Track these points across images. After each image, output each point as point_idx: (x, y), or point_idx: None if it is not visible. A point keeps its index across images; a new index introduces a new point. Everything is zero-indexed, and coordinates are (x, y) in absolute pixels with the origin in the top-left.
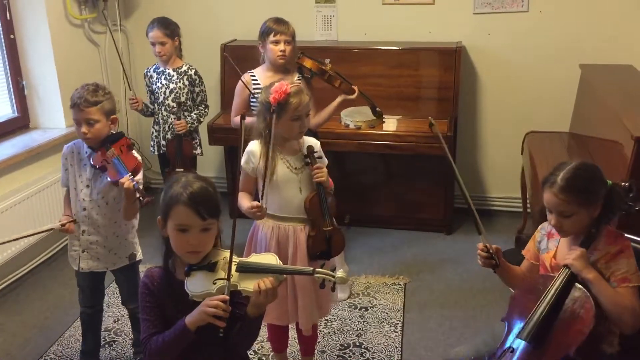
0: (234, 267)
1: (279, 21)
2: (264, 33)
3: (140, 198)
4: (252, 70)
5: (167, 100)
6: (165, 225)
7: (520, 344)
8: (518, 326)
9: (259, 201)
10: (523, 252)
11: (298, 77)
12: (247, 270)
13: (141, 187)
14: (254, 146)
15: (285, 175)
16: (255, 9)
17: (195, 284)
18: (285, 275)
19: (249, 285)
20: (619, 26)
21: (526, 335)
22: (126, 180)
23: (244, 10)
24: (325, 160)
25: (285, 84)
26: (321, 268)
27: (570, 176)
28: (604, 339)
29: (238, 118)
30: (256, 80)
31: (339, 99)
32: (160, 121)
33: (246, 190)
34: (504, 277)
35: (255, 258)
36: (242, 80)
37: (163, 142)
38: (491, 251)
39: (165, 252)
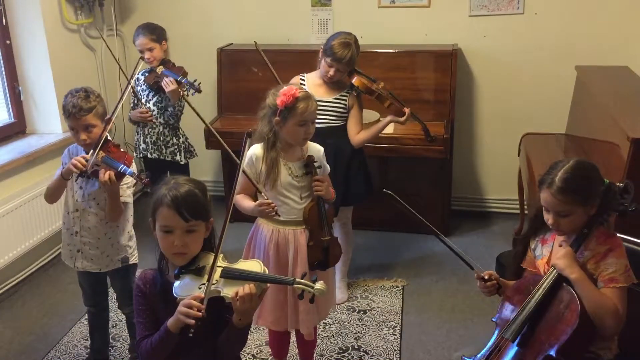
0: (219, 273)
1: (344, 47)
2: (328, 52)
3: (142, 178)
4: (304, 75)
5: (149, 103)
6: (154, 227)
7: (506, 343)
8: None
9: None
10: (522, 263)
11: (347, 90)
12: (230, 276)
13: (136, 172)
14: (257, 149)
15: (287, 181)
16: (252, 12)
17: (182, 288)
18: (268, 284)
19: (230, 291)
20: (614, 28)
21: (510, 334)
22: (103, 174)
23: (241, 14)
24: (327, 169)
25: (293, 88)
26: (301, 279)
27: (568, 176)
28: (594, 342)
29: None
30: (304, 83)
31: (386, 120)
32: (141, 124)
33: (245, 192)
34: None
35: (241, 265)
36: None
37: (143, 146)
38: (492, 277)
39: (159, 254)
